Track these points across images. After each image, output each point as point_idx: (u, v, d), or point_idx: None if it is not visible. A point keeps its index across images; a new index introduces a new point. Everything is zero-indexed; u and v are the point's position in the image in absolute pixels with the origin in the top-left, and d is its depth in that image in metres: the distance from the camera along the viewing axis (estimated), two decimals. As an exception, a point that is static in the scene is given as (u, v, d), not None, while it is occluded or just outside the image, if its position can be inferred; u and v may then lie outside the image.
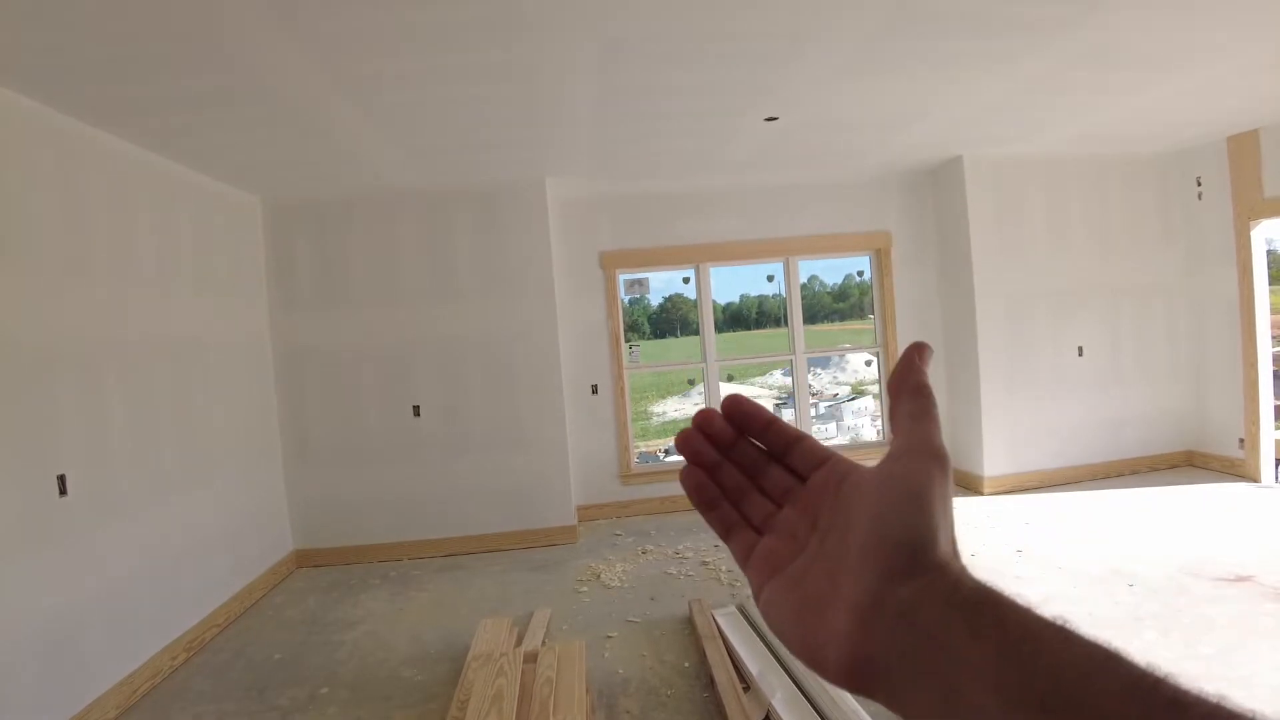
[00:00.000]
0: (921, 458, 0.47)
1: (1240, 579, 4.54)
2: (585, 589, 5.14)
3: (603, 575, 5.34)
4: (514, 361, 6.23)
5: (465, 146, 5.07)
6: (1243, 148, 6.39)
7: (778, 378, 20.44)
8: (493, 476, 6.21)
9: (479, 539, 6.18)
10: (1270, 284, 6.81)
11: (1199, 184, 6.88)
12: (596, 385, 6.91)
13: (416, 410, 6.16)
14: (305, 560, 6.09)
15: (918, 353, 0.51)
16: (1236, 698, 1.20)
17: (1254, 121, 6.05)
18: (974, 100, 4.93)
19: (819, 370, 20.63)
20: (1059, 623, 0.39)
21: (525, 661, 3.44)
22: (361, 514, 6.14)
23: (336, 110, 4.09)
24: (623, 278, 7.13)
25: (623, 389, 6.98)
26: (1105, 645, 0.36)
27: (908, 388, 0.50)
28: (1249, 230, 6.42)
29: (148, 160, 4.52)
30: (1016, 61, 4.18)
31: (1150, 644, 3.80)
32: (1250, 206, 6.40)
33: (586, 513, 6.81)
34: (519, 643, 4.15)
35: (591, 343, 6.92)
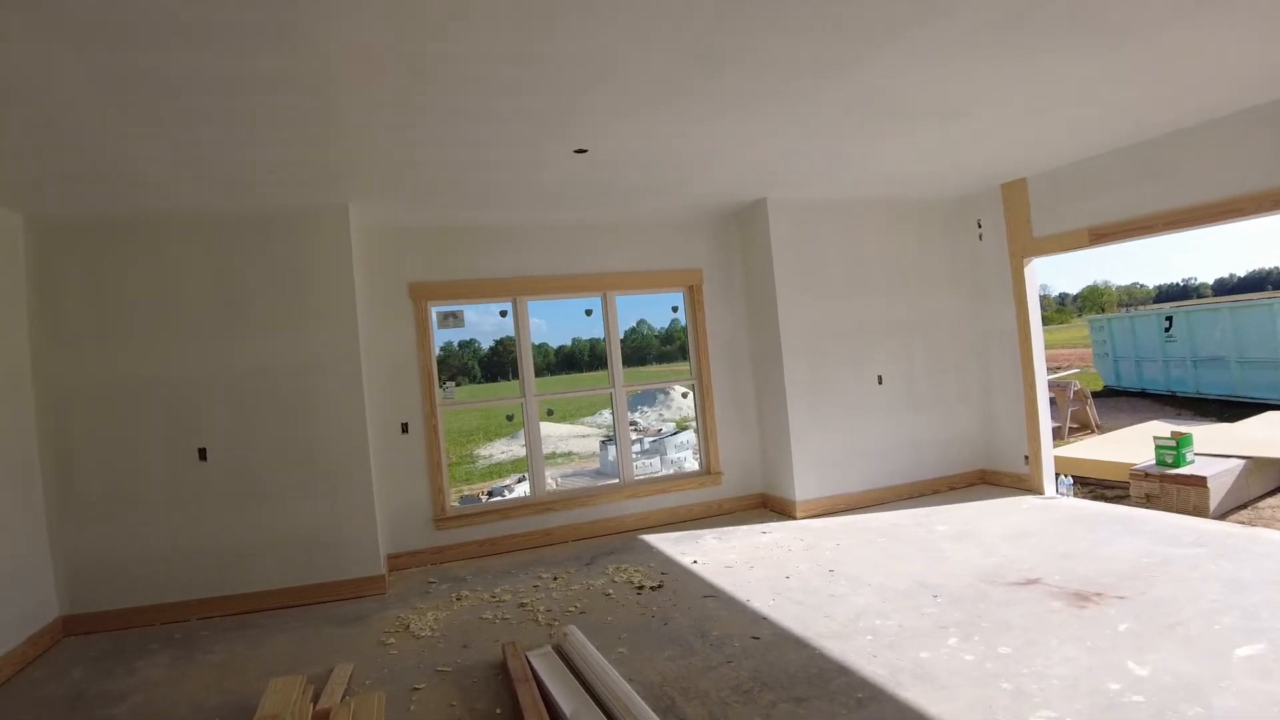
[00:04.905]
0: None
1: (1030, 582, 4.86)
2: (393, 640, 4.80)
3: (412, 625, 5.02)
4: (313, 400, 5.80)
5: (255, 165, 4.70)
6: (1014, 193, 7.10)
7: (606, 417, 20.52)
8: (290, 525, 5.72)
9: (276, 594, 5.67)
10: (1045, 324, 7.53)
11: (979, 226, 7.57)
12: (407, 424, 6.57)
13: (203, 454, 5.61)
14: (75, 627, 5.38)
15: None
16: (1031, 691, 1.19)
17: (1022, 170, 6.72)
18: (771, 142, 5.16)
19: (645, 409, 20.91)
20: None
21: (314, 721, 3.14)
22: (141, 571, 5.50)
23: (99, 116, 3.69)
24: (435, 310, 6.87)
25: (435, 427, 6.65)
26: None
27: None
28: (1023, 267, 7.15)
29: None
30: (806, 102, 4.39)
31: (954, 649, 3.98)
32: (1023, 246, 7.10)
33: (398, 561, 6.43)
34: (315, 702, 3.80)
35: (401, 379, 6.58)
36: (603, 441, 14.56)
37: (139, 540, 5.50)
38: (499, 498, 9.94)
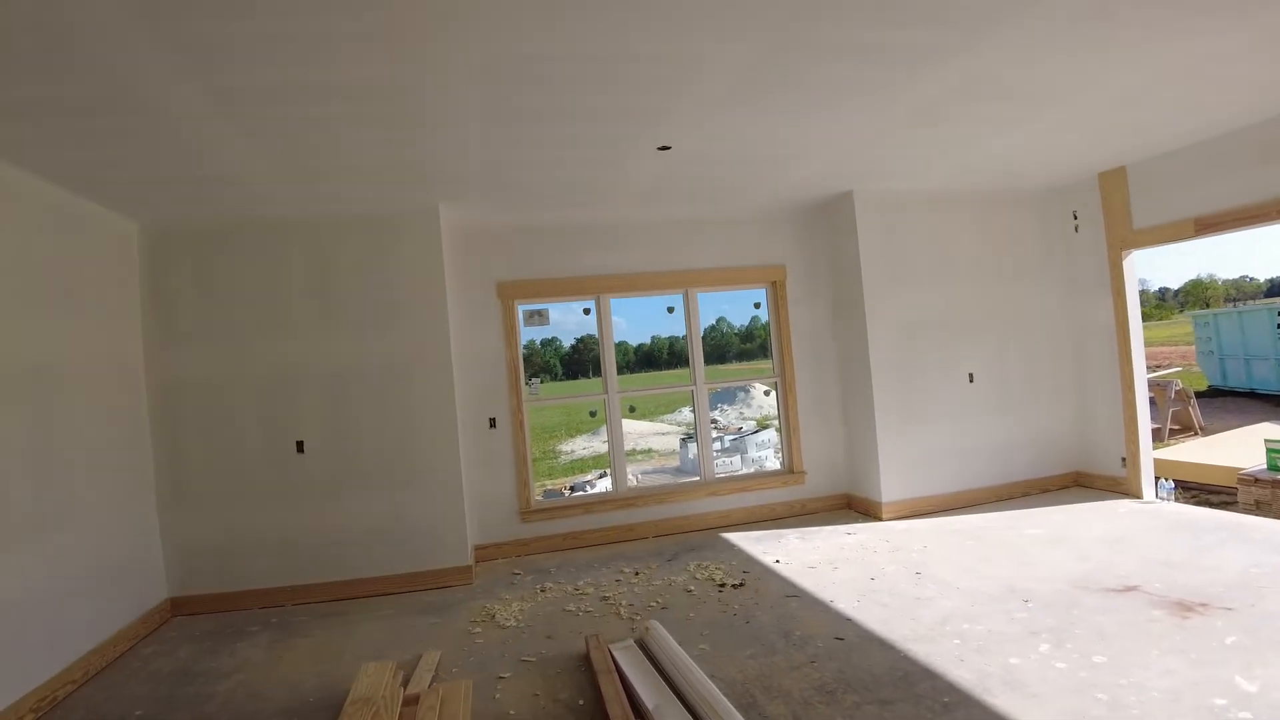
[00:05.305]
0: None
1: (1128, 589, 4.67)
2: (479, 630, 4.92)
3: (498, 615, 5.14)
4: (405, 395, 6.00)
5: (349, 169, 4.88)
6: (1112, 183, 6.81)
7: (686, 415, 20.54)
8: (382, 516, 5.93)
9: (367, 582, 5.88)
10: (1144, 320, 7.20)
11: (1075, 217, 7.30)
12: (494, 419, 6.72)
13: (300, 446, 5.85)
14: (182, 608, 5.69)
15: None
16: (1128, 703, 1.14)
17: (1121, 158, 6.44)
18: (858, 133, 5.07)
19: (725, 406, 20.83)
20: None
21: (405, 704, 3.25)
22: (242, 557, 5.78)
23: (210, 127, 3.89)
24: (522, 308, 7.01)
25: (522, 422, 6.79)
26: None
27: None
28: (1121, 260, 6.87)
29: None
30: (894, 91, 4.30)
31: (1045, 656, 3.86)
32: (1121, 237, 6.81)
33: (484, 552, 6.59)
34: (405, 686, 3.92)
35: (489, 375, 6.74)
36: (683, 439, 14.59)
37: (240, 528, 5.78)
38: (581, 493, 10.06)
